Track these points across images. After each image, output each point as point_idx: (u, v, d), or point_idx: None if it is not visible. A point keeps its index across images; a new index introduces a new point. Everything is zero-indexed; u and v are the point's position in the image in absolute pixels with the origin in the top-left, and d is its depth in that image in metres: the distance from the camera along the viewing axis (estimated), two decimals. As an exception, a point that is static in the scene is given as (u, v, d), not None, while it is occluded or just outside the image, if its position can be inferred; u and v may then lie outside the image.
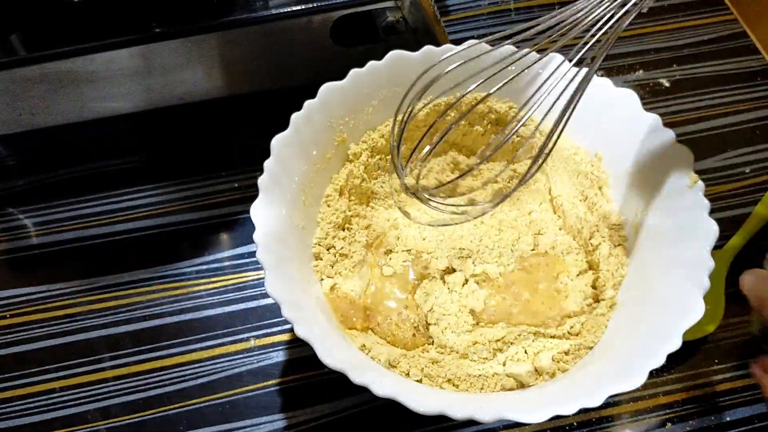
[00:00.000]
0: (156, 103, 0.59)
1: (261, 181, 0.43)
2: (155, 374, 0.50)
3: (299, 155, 0.47)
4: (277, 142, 0.45)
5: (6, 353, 0.51)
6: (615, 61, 0.65)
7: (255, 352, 0.51)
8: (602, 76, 0.64)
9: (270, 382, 0.49)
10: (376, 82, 0.49)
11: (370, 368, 0.41)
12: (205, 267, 0.54)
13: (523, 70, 0.42)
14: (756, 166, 0.59)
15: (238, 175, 0.58)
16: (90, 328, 0.52)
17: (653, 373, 0.42)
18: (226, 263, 0.54)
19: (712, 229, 0.41)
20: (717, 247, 0.54)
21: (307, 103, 0.47)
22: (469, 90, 0.41)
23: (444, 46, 0.50)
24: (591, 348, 0.44)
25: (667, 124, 0.46)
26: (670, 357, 0.37)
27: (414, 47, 0.49)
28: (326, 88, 0.47)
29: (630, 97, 0.48)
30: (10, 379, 0.50)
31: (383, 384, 0.37)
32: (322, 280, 0.46)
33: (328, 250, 0.48)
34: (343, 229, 0.50)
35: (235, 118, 0.61)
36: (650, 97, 0.63)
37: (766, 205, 0.54)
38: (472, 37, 0.67)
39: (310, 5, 0.53)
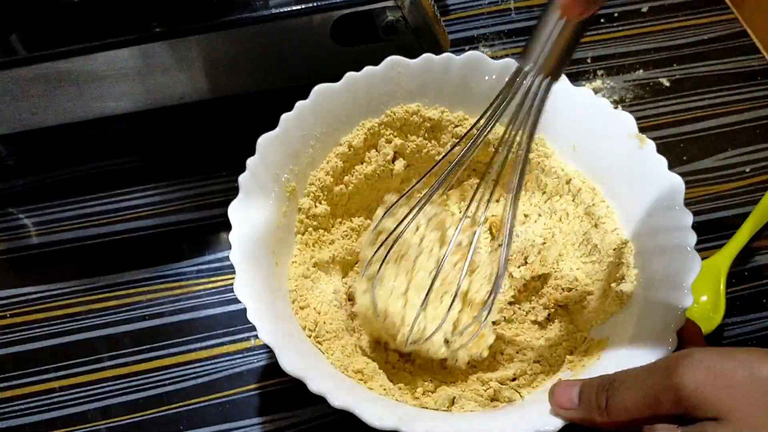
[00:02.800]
0: (156, 103, 0.59)
1: (242, 179, 0.44)
2: (155, 374, 0.50)
3: (286, 154, 0.47)
4: (262, 140, 0.46)
5: (6, 353, 0.51)
6: (615, 61, 0.65)
7: (255, 352, 0.51)
8: (603, 75, 0.64)
9: (270, 382, 0.49)
10: (372, 87, 0.49)
11: (329, 377, 0.40)
12: (205, 267, 0.54)
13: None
14: (756, 166, 0.59)
15: (238, 174, 0.58)
16: (90, 327, 0.52)
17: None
18: (226, 263, 0.54)
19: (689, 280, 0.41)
20: (717, 247, 0.54)
21: (299, 104, 0.47)
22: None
23: (443, 54, 0.49)
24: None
25: (667, 124, 0.46)
26: (671, 356, 0.37)
27: (414, 47, 0.49)
28: (319, 90, 0.48)
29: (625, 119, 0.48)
30: (10, 379, 0.50)
31: (339, 395, 0.37)
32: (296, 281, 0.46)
33: (306, 246, 0.48)
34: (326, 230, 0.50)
35: (235, 118, 0.61)
36: (651, 96, 0.63)
37: (766, 204, 0.54)
38: (472, 37, 0.67)
39: (310, 5, 0.53)
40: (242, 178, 0.44)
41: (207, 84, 0.59)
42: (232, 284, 0.40)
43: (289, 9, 0.53)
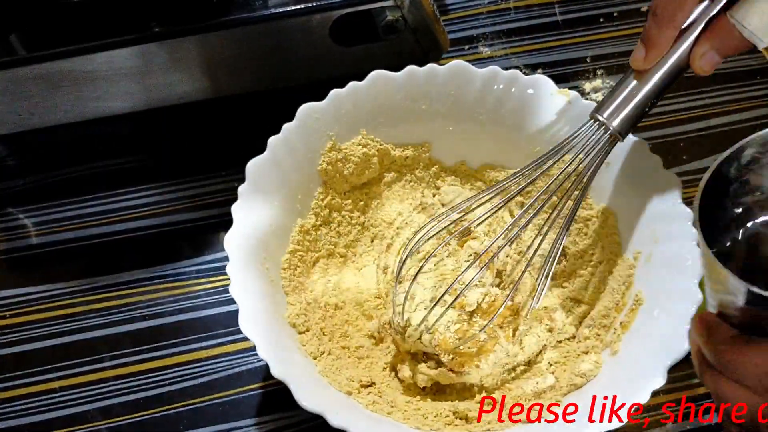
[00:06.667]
0: (156, 103, 0.59)
1: (235, 207, 0.45)
2: (155, 374, 0.50)
3: (277, 179, 0.47)
4: (252, 166, 0.46)
5: (6, 353, 0.51)
6: (615, 60, 0.65)
7: (255, 352, 0.50)
8: (602, 74, 0.64)
9: (270, 382, 0.49)
10: (357, 103, 0.49)
11: (347, 407, 0.41)
12: (204, 266, 0.54)
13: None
14: (756, 165, 0.59)
15: (238, 174, 0.58)
16: (90, 327, 0.52)
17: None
18: (226, 263, 0.54)
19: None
20: (717, 246, 0.54)
21: (286, 127, 0.47)
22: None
23: (427, 66, 0.49)
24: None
25: (667, 123, 0.46)
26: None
27: (414, 46, 0.49)
28: (305, 110, 0.47)
29: None
30: (10, 379, 0.50)
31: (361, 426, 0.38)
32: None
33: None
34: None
35: (234, 118, 0.61)
36: (650, 95, 0.63)
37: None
38: (472, 36, 0.67)
39: (310, 4, 0.53)
40: (235, 207, 0.45)
41: (206, 84, 0.59)
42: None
43: (288, 9, 0.53)
